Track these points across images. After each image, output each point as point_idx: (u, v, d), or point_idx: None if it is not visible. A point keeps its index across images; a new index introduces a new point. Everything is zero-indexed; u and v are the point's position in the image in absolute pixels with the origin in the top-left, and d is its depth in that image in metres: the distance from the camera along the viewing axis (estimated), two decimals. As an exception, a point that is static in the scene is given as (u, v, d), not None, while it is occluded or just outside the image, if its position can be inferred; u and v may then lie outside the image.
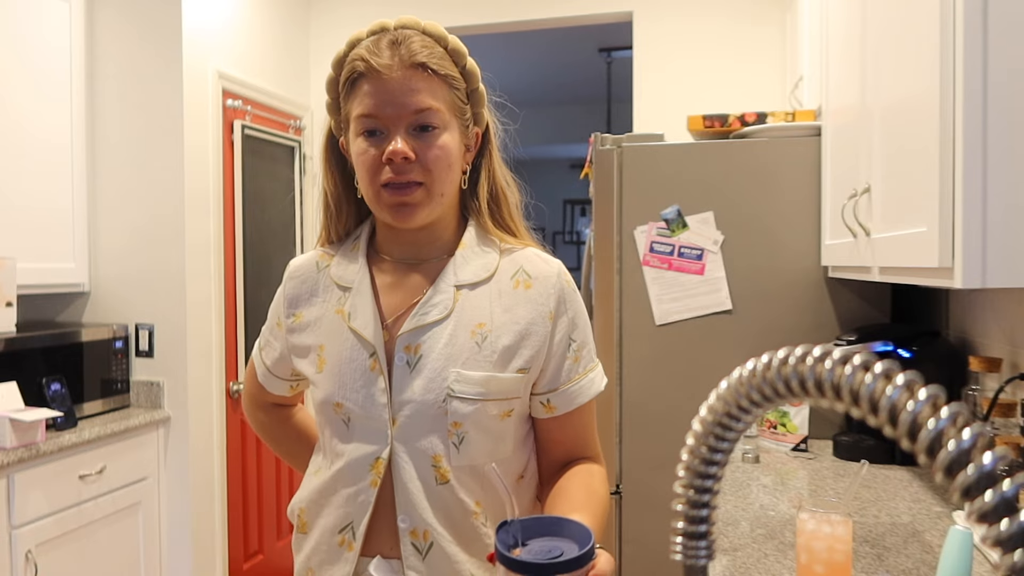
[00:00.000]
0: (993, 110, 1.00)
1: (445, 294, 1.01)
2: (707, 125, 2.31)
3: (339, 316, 1.04)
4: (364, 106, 0.96)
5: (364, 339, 1.01)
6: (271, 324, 1.15)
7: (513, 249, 1.07)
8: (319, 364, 1.04)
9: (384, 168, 0.96)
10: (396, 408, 0.98)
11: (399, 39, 0.97)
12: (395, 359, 0.99)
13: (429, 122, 0.97)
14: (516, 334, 1.00)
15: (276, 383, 1.17)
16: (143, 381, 2.83)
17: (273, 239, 3.45)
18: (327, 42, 3.73)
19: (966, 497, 0.32)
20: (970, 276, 1.03)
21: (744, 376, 0.42)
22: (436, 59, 0.97)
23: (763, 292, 2.19)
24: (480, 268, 1.04)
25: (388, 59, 0.95)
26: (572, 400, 1.05)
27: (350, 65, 0.98)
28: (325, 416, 1.03)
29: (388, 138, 0.96)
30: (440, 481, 0.98)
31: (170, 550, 2.81)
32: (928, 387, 0.35)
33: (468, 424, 0.98)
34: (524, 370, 1.00)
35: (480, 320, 1.00)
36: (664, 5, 3.37)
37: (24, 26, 2.51)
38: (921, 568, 1.24)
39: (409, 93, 0.95)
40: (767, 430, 2.07)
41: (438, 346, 0.99)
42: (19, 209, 2.49)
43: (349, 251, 1.09)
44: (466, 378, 0.97)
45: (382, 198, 0.98)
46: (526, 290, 1.03)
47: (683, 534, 0.47)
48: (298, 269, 1.12)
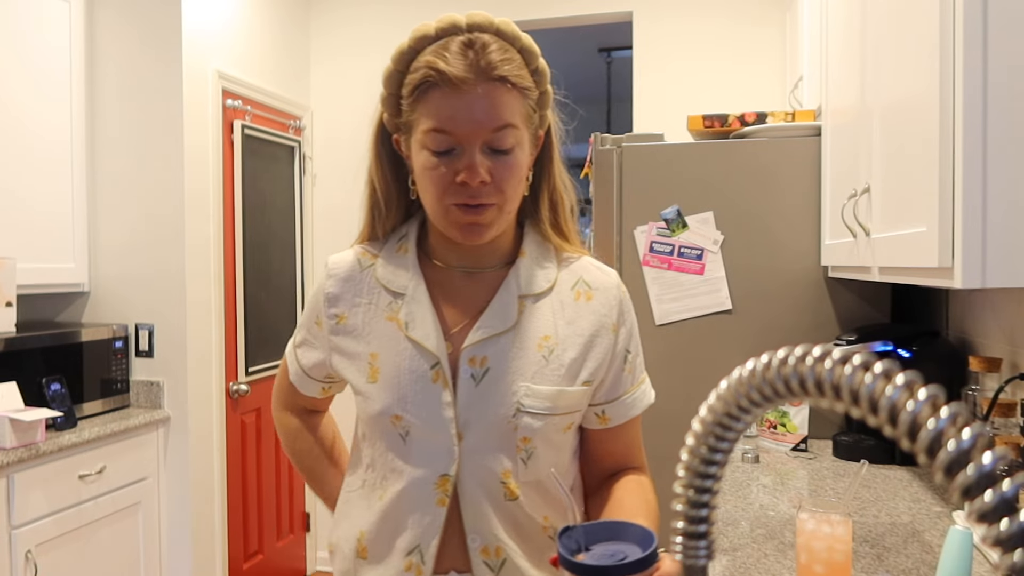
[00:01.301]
0: (993, 110, 1.00)
1: (509, 305, 0.98)
2: (707, 125, 2.31)
3: (392, 324, 0.98)
4: (437, 120, 0.89)
5: (426, 350, 0.96)
6: (308, 322, 1.08)
7: (570, 258, 1.04)
8: (371, 373, 0.98)
9: (456, 188, 0.90)
10: (463, 423, 0.94)
11: (475, 44, 0.89)
12: (460, 372, 0.95)
13: (506, 141, 0.91)
14: (581, 347, 0.99)
15: (309, 384, 1.12)
16: (143, 381, 2.83)
17: (273, 239, 3.44)
18: (327, 42, 3.73)
19: (966, 497, 0.32)
20: (970, 276, 1.03)
21: (744, 376, 0.42)
22: (515, 71, 0.91)
23: (763, 292, 2.19)
24: (541, 279, 1.01)
25: (465, 70, 0.88)
26: (627, 411, 1.04)
27: (422, 72, 0.90)
28: (379, 429, 0.98)
29: (462, 157, 0.90)
30: (509, 497, 0.96)
31: (170, 550, 2.81)
32: (928, 387, 0.35)
33: (537, 439, 0.96)
34: (589, 383, 0.99)
35: (545, 333, 0.98)
36: (664, 5, 3.37)
37: (24, 26, 2.51)
38: (921, 568, 1.24)
39: (487, 110, 0.88)
40: (767, 430, 2.07)
41: (505, 359, 0.96)
42: (19, 209, 2.49)
43: (395, 252, 1.03)
44: (536, 392, 0.95)
45: (451, 216, 0.92)
46: (587, 302, 1.01)
47: (683, 534, 0.47)
48: (338, 266, 1.05)
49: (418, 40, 0.92)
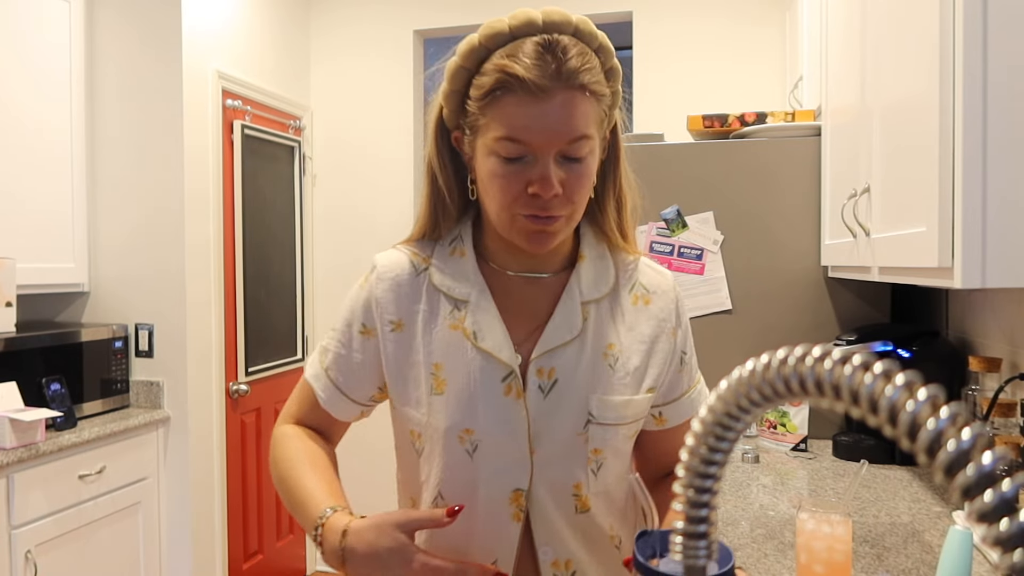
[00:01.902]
0: (993, 109, 1.00)
1: (573, 312, 0.95)
2: (707, 125, 2.31)
3: (457, 333, 0.93)
4: (510, 129, 0.84)
5: (499, 361, 0.92)
6: (350, 333, 0.99)
7: (626, 260, 1.01)
8: (436, 385, 0.93)
9: (526, 198, 0.86)
10: (535, 437, 0.92)
11: (554, 48, 0.83)
12: (528, 384, 0.92)
13: (580, 151, 0.86)
14: (643, 353, 0.97)
15: (346, 406, 1.01)
16: (143, 381, 2.83)
17: (273, 239, 3.45)
18: (327, 42, 3.73)
19: (966, 497, 0.32)
20: (969, 276, 1.03)
21: (744, 376, 0.42)
22: (594, 77, 0.86)
23: (763, 292, 2.19)
24: (601, 283, 0.98)
25: (543, 77, 0.82)
26: (684, 412, 1.03)
27: (498, 75, 0.84)
28: (442, 444, 0.93)
29: (534, 167, 0.85)
30: (581, 510, 0.94)
31: (170, 550, 2.81)
32: (928, 387, 0.35)
33: (607, 450, 0.94)
34: (653, 389, 0.98)
35: (609, 341, 0.96)
36: (664, 5, 3.37)
37: (24, 26, 2.51)
38: (921, 568, 1.24)
39: (565, 120, 0.84)
40: (767, 430, 2.07)
41: (572, 370, 0.93)
42: (19, 209, 2.49)
43: (449, 256, 0.97)
44: (606, 403, 0.93)
45: (517, 224, 0.89)
46: (646, 306, 0.99)
47: (683, 534, 0.47)
48: (391, 269, 0.98)
49: (491, 38, 0.86)
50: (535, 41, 0.84)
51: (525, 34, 0.85)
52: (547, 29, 0.85)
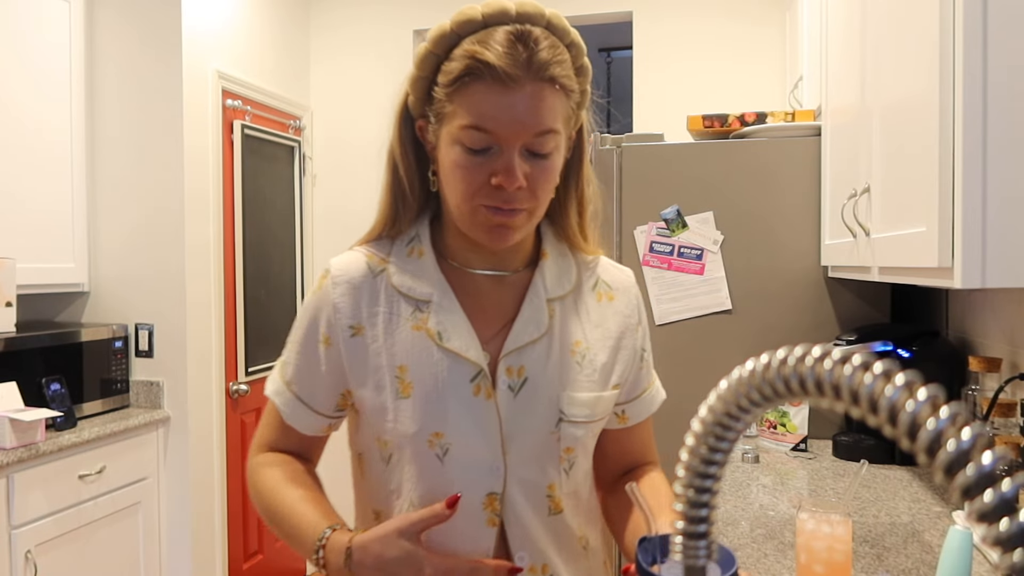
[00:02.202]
0: (993, 109, 1.00)
1: (539, 309, 0.93)
2: (707, 125, 2.31)
3: (420, 334, 0.90)
4: (477, 117, 0.82)
5: (467, 361, 0.89)
6: (308, 344, 0.95)
7: (586, 258, 1.01)
8: (402, 388, 0.89)
9: (489, 189, 0.85)
10: (507, 437, 0.89)
11: (525, 38, 0.82)
12: (498, 383, 0.90)
13: (546, 146, 0.85)
14: (610, 350, 0.97)
15: (312, 420, 0.97)
16: (143, 381, 2.83)
17: (273, 239, 3.45)
18: (327, 42, 3.73)
19: (966, 497, 0.32)
20: (969, 276, 1.03)
21: (744, 376, 0.42)
22: (565, 71, 0.85)
23: (763, 292, 2.19)
24: (564, 281, 0.97)
25: (514, 66, 0.81)
26: (645, 409, 1.04)
27: (465, 61, 0.82)
28: (411, 450, 0.90)
29: (499, 158, 0.84)
30: (554, 511, 0.93)
31: (170, 550, 2.81)
32: (928, 387, 0.35)
33: (578, 449, 0.94)
34: (619, 386, 0.98)
35: (576, 338, 0.95)
36: (664, 5, 3.37)
37: (24, 26, 2.51)
38: (921, 568, 1.24)
39: (533, 112, 0.82)
40: (767, 430, 2.07)
41: (542, 367, 0.91)
42: (19, 209, 2.49)
43: (406, 256, 0.94)
44: (576, 400, 0.92)
45: (479, 216, 0.87)
46: (609, 302, 0.99)
47: (683, 534, 0.47)
48: (346, 272, 0.94)
49: (462, 24, 0.84)
50: (507, 30, 0.83)
51: (497, 23, 0.84)
52: (520, 19, 0.84)
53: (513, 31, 0.82)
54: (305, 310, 0.96)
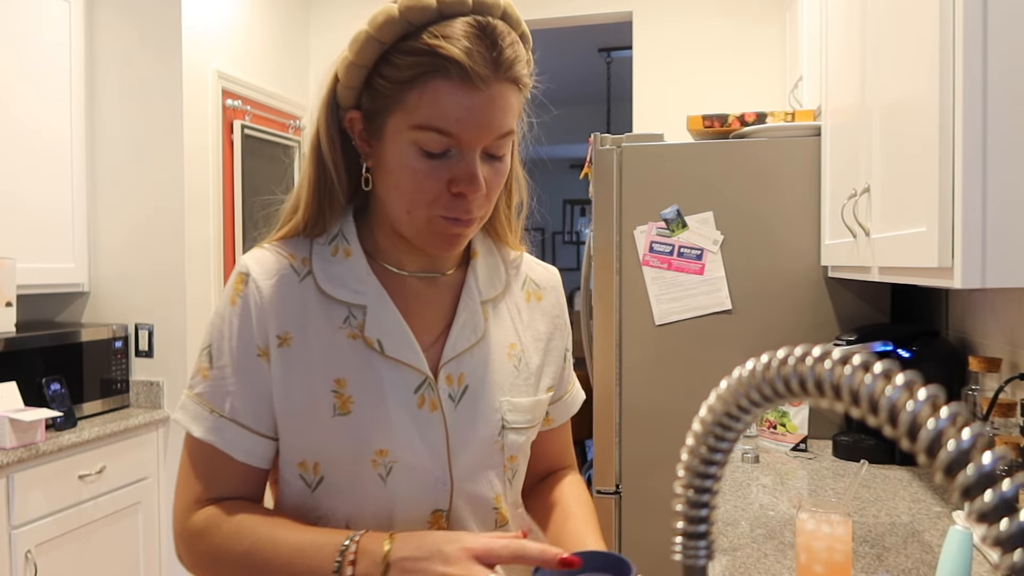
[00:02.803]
0: (993, 109, 1.00)
1: (475, 312, 0.89)
2: (707, 125, 2.31)
3: (357, 342, 0.82)
4: (440, 119, 0.75)
5: (411, 370, 0.83)
6: (247, 363, 0.81)
7: (511, 255, 0.97)
8: (340, 404, 0.81)
9: (448, 198, 0.78)
10: (453, 450, 0.84)
11: (491, 33, 0.75)
12: (439, 393, 0.84)
13: (503, 148, 0.80)
14: (541, 351, 0.94)
15: (257, 446, 0.82)
16: (143, 381, 2.83)
17: (273, 239, 3.44)
18: (327, 42, 3.73)
19: (966, 497, 0.32)
20: (969, 276, 1.03)
21: (744, 376, 0.42)
22: (524, 68, 0.79)
23: (763, 292, 2.19)
24: (496, 281, 0.93)
25: (483, 65, 0.74)
26: (568, 411, 1.02)
27: (429, 56, 0.74)
28: (350, 471, 0.81)
29: (459, 163, 0.77)
30: (500, 524, 0.88)
31: (170, 550, 2.81)
32: (928, 387, 0.35)
33: (520, 456, 0.90)
34: (551, 388, 0.95)
35: (510, 340, 0.91)
36: (664, 5, 3.37)
37: (24, 26, 2.51)
38: (921, 568, 1.24)
39: (497, 115, 0.77)
40: (767, 430, 2.07)
41: (481, 373, 0.87)
42: (19, 209, 2.49)
43: (331, 256, 0.85)
44: (516, 406, 0.88)
45: (433, 227, 0.80)
46: (538, 302, 0.96)
47: (683, 534, 0.47)
48: (268, 274, 0.83)
49: (415, 11, 0.75)
50: (468, 23, 0.75)
51: (454, 12, 0.75)
52: (477, 9, 0.76)
53: (475, 24, 0.75)
54: (225, 323, 0.83)
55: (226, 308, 0.83)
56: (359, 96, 0.81)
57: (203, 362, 0.84)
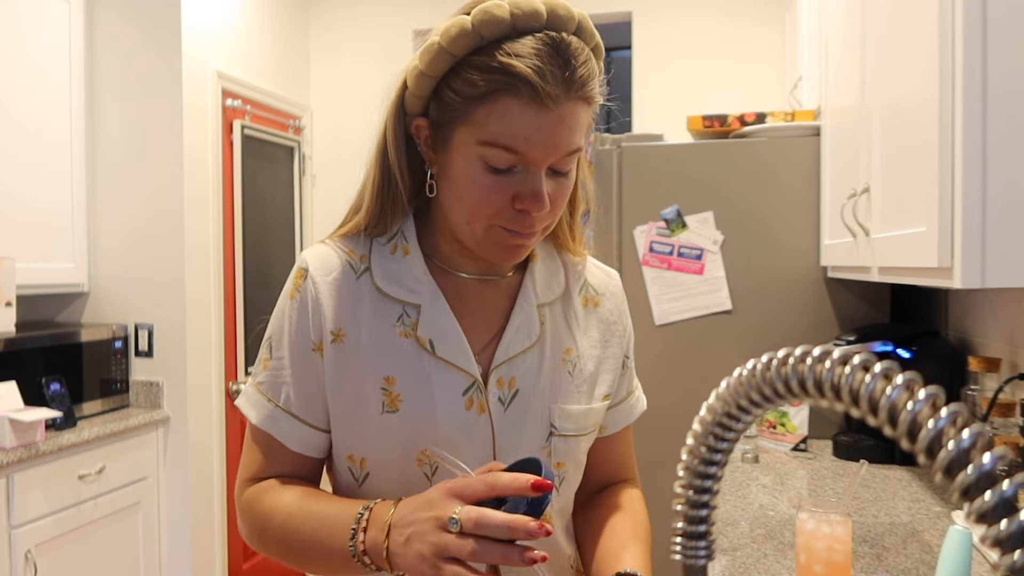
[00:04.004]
0: (993, 109, 1.00)
1: (531, 316, 0.88)
2: (706, 125, 2.31)
3: (409, 341, 0.83)
4: (509, 137, 0.75)
5: (460, 371, 0.83)
6: (302, 358, 0.84)
7: (573, 260, 0.95)
8: (389, 402, 0.82)
9: (511, 212, 0.78)
10: (499, 454, 0.83)
11: (564, 51, 0.75)
12: (488, 396, 0.84)
13: (570, 164, 0.80)
14: (596, 359, 0.92)
15: (316, 440, 0.86)
16: (142, 381, 2.83)
17: (272, 239, 3.45)
18: (327, 42, 3.73)
19: (965, 497, 0.32)
20: (969, 276, 1.03)
21: (744, 376, 0.42)
22: (597, 85, 0.79)
23: (763, 292, 2.19)
24: (553, 283, 0.92)
25: (556, 85, 0.74)
26: (624, 419, 0.98)
27: (502, 75, 0.74)
28: (396, 469, 0.83)
29: (524, 180, 0.77)
30: None
31: (170, 550, 2.81)
32: (927, 387, 0.35)
33: (569, 463, 0.88)
34: (608, 396, 0.93)
35: (566, 345, 0.90)
36: (663, 5, 3.37)
37: (24, 26, 2.51)
38: (920, 568, 1.24)
39: (567, 134, 0.76)
40: (767, 430, 2.07)
41: (533, 379, 0.86)
42: (19, 209, 2.49)
43: (389, 255, 0.87)
44: (567, 414, 0.87)
45: (493, 236, 0.80)
46: (595, 308, 0.94)
47: (682, 534, 0.47)
48: (326, 270, 0.86)
49: (488, 24, 0.74)
50: (541, 39, 0.74)
51: (528, 27, 0.75)
52: (551, 24, 0.75)
53: (548, 41, 0.74)
54: (285, 316, 0.86)
55: (285, 302, 0.86)
56: (426, 104, 0.81)
57: (264, 352, 0.87)
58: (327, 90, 3.72)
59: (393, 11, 3.65)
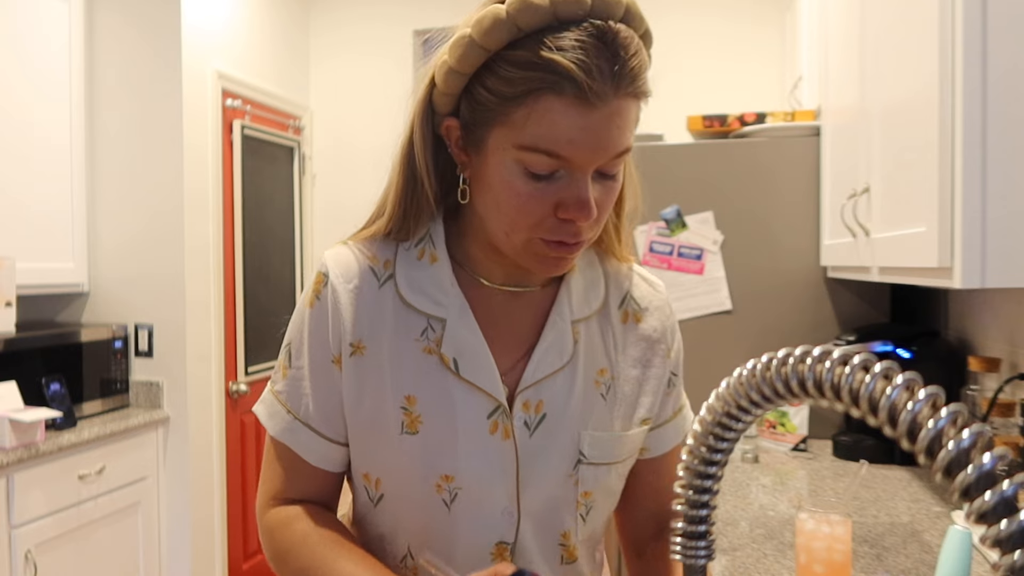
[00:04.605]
0: (992, 110, 1.00)
1: (563, 333, 0.81)
2: (706, 125, 2.31)
3: (432, 358, 0.78)
4: (551, 140, 0.67)
5: (484, 394, 0.77)
6: (322, 369, 0.80)
7: (616, 269, 0.88)
8: (409, 423, 0.77)
9: (553, 223, 0.71)
10: (523, 481, 0.78)
11: (611, 41, 0.67)
12: (513, 419, 0.78)
13: (618, 166, 0.73)
14: (635, 380, 0.84)
15: (331, 451, 0.82)
16: (142, 381, 2.83)
17: (272, 239, 3.45)
18: (327, 42, 3.73)
19: (965, 497, 0.32)
20: (969, 276, 1.03)
21: (744, 376, 0.42)
22: (647, 77, 0.72)
23: (763, 292, 2.19)
24: (592, 298, 0.84)
25: (603, 81, 0.66)
26: (671, 439, 0.90)
27: (543, 72, 0.66)
28: (413, 494, 0.78)
29: (568, 185, 0.70)
30: (567, 560, 0.82)
31: (170, 550, 2.81)
32: (927, 387, 0.35)
33: (597, 492, 0.82)
34: (648, 420, 0.86)
35: (600, 365, 0.82)
36: (663, 5, 3.37)
37: (23, 26, 2.51)
38: (920, 568, 1.24)
39: (615, 135, 0.69)
40: (767, 430, 2.07)
41: (561, 401, 0.79)
42: (19, 209, 2.49)
43: (415, 260, 0.80)
44: (597, 440, 0.80)
45: (533, 248, 0.73)
46: (636, 324, 0.86)
47: (682, 534, 0.47)
48: (347, 277, 0.79)
49: (527, 13, 0.66)
50: (586, 29, 0.66)
51: (571, 17, 0.67)
52: (596, 11, 0.67)
53: (595, 32, 0.66)
54: (304, 324, 0.81)
55: (305, 308, 0.81)
56: (457, 103, 0.74)
57: (283, 359, 0.83)
58: (327, 90, 3.72)
59: (393, 11, 3.65)
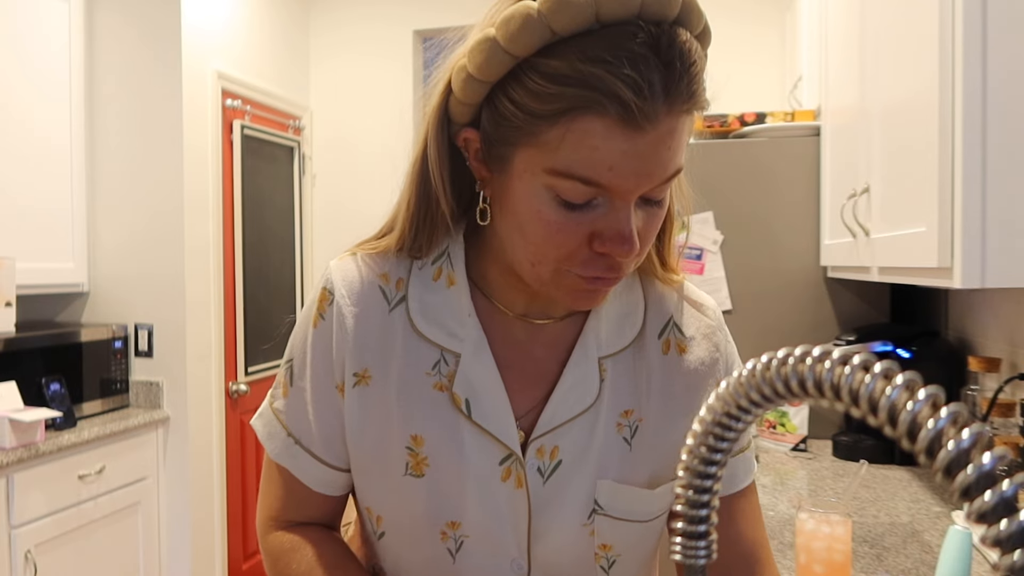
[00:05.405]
0: (992, 110, 1.00)
1: (588, 374, 0.71)
2: (707, 125, 2.31)
3: (443, 396, 0.70)
4: (589, 166, 0.57)
5: (496, 441, 0.69)
6: (316, 388, 0.73)
7: (660, 292, 0.76)
8: (415, 465, 0.70)
9: (587, 255, 0.61)
10: (535, 531, 0.71)
11: (665, 49, 0.56)
12: (526, 466, 0.70)
13: (665, 191, 0.62)
14: (670, 422, 0.73)
15: (331, 477, 0.76)
16: (142, 381, 2.83)
17: (272, 239, 3.45)
18: (327, 42, 3.73)
19: (965, 497, 0.32)
20: (969, 276, 1.03)
21: (744, 376, 0.42)
22: (705, 88, 0.62)
23: (763, 292, 2.19)
24: (626, 326, 0.74)
25: (652, 99, 0.55)
26: (739, 479, 0.78)
27: (578, 86, 0.55)
28: (417, 539, 0.72)
29: (607, 214, 0.60)
30: None
31: (170, 550, 2.81)
32: (927, 387, 0.35)
33: (620, 545, 0.73)
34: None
35: (626, 406, 0.72)
36: (664, 5, 3.37)
37: (23, 26, 2.51)
38: (920, 568, 1.24)
39: (665, 158, 0.58)
40: (767, 430, 2.07)
41: (580, 448, 0.71)
42: (19, 209, 2.49)
43: (431, 281, 0.72)
44: (617, 492, 0.71)
45: (563, 282, 0.64)
46: (679, 355, 0.74)
47: (682, 534, 0.47)
48: (355, 300, 0.71)
49: (562, 14, 0.55)
50: (635, 36, 0.55)
51: (616, 20, 0.55)
52: (648, 12, 0.56)
53: (646, 39, 0.55)
54: (307, 344, 0.74)
55: (308, 326, 0.74)
56: (477, 113, 0.63)
57: (285, 376, 0.76)
58: (327, 90, 3.72)
59: (393, 11, 3.65)
